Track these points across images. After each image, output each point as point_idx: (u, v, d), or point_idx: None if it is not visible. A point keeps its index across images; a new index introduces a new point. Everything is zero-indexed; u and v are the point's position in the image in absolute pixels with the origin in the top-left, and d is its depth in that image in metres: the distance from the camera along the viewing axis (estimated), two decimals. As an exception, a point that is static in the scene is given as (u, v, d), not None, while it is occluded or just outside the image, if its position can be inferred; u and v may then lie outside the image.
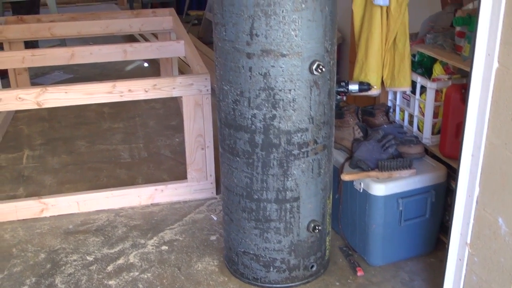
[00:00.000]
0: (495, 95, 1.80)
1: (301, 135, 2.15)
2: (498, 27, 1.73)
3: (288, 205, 2.26)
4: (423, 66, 2.78)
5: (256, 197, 2.25)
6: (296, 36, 2.01)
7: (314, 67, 2.06)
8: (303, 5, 1.98)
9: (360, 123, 2.66)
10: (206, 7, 6.66)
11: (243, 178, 2.25)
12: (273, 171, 2.19)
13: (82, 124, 4.16)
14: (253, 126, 2.14)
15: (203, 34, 6.61)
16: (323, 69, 2.07)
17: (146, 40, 5.70)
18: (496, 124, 1.81)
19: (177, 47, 3.73)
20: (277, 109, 2.09)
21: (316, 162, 2.24)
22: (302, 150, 2.18)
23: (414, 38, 2.77)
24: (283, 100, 2.08)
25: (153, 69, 5.34)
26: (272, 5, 1.96)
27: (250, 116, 2.12)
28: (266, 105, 2.09)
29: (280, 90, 2.07)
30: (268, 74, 2.04)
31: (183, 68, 5.13)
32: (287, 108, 2.10)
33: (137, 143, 3.84)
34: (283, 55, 2.02)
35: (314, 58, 2.06)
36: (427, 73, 2.75)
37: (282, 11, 1.97)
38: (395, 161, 2.42)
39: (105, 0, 8.73)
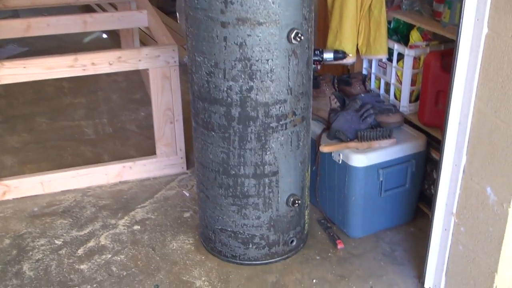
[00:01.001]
0: (484, 62, 1.73)
1: (280, 107, 2.06)
2: (488, -10, 1.66)
3: (266, 180, 2.17)
4: (398, 33, 2.71)
5: (233, 172, 2.15)
6: (273, 3, 1.89)
7: (292, 35, 1.95)
8: (281, -31, 1.86)
9: (337, 93, 2.58)
10: (165, -25, 6.42)
11: (219, 154, 2.15)
12: (250, 145, 2.10)
13: (41, 100, 3.96)
14: (229, 99, 2.03)
15: (162, 3, 6.39)
16: (302, 38, 1.96)
17: (104, 10, 5.46)
18: (485, 91, 1.75)
19: (140, 17, 3.56)
20: (254, 80, 1.99)
21: (295, 135, 2.15)
22: (281, 123, 2.09)
23: (390, 4, 2.68)
24: (260, 71, 1.97)
25: (113, 40, 5.14)
26: (248, -31, 1.84)
27: (225, 89, 2.01)
28: (243, 76, 1.98)
29: (257, 61, 1.96)
30: (244, 43, 1.93)
31: (145, 39, 4.94)
32: (264, 79, 1.99)
33: (101, 119, 3.68)
34: (260, 24, 1.91)
35: (292, 26, 1.96)
36: (403, 40, 2.67)
37: (259, -24, 1.85)
38: (375, 131, 2.36)
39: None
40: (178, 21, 5.11)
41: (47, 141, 3.39)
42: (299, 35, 1.96)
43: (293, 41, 1.96)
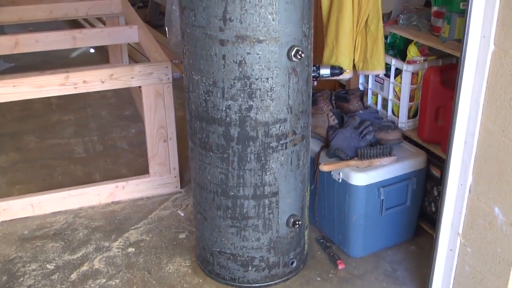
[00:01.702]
0: (491, 80, 1.69)
1: (280, 126, 2.00)
2: (495, 7, 1.62)
3: (266, 201, 2.11)
4: (395, 47, 2.67)
5: (232, 193, 2.09)
6: (273, 20, 1.84)
7: (292, 53, 1.90)
8: (281, -14, 1.81)
9: (335, 110, 2.53)
10: (152, -11, 6.37)
11: (217, 174, 2.09)
12: (250, 165, 2.04)
13: (29, 117, 3.87)
14: (227, 119, 1.97)
15: (150, 17, 6.34)
16: (302, 55, 1.91)
17: (91, 25, 5.40)
18: (492, 110, 1.71)
19: (130, 33, 3.50)
20: (254, 99, 1.93)
21: (295, 154, 2.09)
22: (281, 142, 2.03)
23: (387, 19, 2.65)
24: (260, 89, 1.92)
25: (101, 55, 5.06)
26: (247, -14, 1.79)
27: (224, 108, 1.96)
28: (242, 95, 1.93)
29: (256, 79, 1.91)
30: (243, 62, 1.88)
31: (133, 54, 4.88)
32: (264, 98, 1.94)
33: (91, 136, 3.61)
34: (260, 41, 1.86)
35: (293, 44, 1.91)
36: (400, 54, 2.64)
37: (258, -7, 1.80)
38: (375, 149, 2.31)
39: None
40: (167, 36, 5.07)
41: (36, 160, 3.30)
42: (300, 52, 1.91)
43: (294, 59, 1.91)
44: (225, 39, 1.85)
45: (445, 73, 2.40)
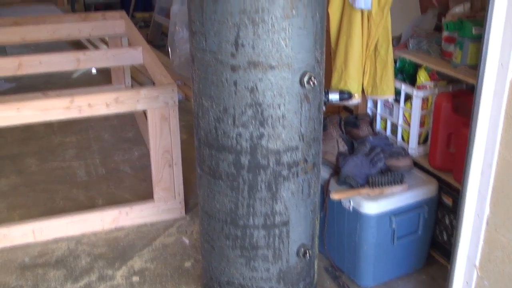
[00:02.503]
0: (509, 109, 1.65)
1: (291, 154, 1.95)
2: (515, 35, 1.59)
3: (276, 230, 2.05)
4: (404, 72, 2.64)
5: (242, 223, 2.03)
6: (286, 45, 1.80)
7: (305, 79, 1.86)
8: (294, 12, 1.78)
9: (344, 136, 2.49)
10: (154, 9, 6.37)
11: (226, 203, 2.03)
12: (260, 194, 1.98)
13: (30, 139, 3.82)
14: (238, 146, 1.92)
15: (152, 37, 6.32)
16: (315, 82, 1.87)
17: (94, 45, 5.38)
18: (510, 139, 1.66)
19: (134, 54, 3.46)
20: (266, 126, 1.88)
21: (306, 183, 2.04)
22: (292, 171, 1.98)
23: (396, 43, 2.62)
24: (272, 116, 1.87)
25: (103, 76, 5.02)
26: (260, 11, 1.74)
27: (235, 135, 1.91)
28: (253, 122, 1.88)
29: (268, 106, 1.86)
30: (255, 88, 1.83)
31: (135, 75, 4.84)
32: (276, 125, 1.89)
33: (93, 159, 3.55)
34: (272, 67, 1.81)
35: (305, 70, 1.87)
36: (409, 79, 2.60)
37: (271, 18, 1.76)
38: (386, 176, 2.26)
39: (43, 1, 8.28)
40: (170, 57, 5.04)
41: (37, 183, 3.25)
42: (312, 79, 1.87)
43: (306, 86, 1.87)
44: (237, 65, 1.81)
45: (456, 99, 2.36)
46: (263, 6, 1.74)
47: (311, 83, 1.86)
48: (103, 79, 4.96)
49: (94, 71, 5.28)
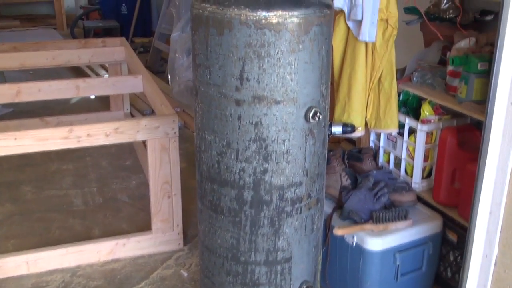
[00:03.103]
0: (520, 148, 1.62)
1: (295, 190, 1.91)
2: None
3: (279, 267, 2.00)
4: (408, 105, 2.61)
5: (243, 259, 1.98)
6: (291, 80, 1.77)
7: (310, 114, 1.83)
8: (300, 46, 1.75)
9: (348, 169, 2.45)
10: (154, 35, 6.37)
11: (228, 238, 1.98)
12: (263, 230, 1.94)
13: (27, 166, 3.77)
14: (241, 181, 1.88)
15: (151, 63, 6.31)
16: (320, 117, 1.84)
17: (93, 71, 5.36)
18: (521, 179, 1.63)
19: (135, 83, 3.44)
20: (269, 162, 1.85)
21: (309, 218, 2.00)
22: (295, 206, 1.94)
23: (400, 76, 2.60)
24: (276, 152, 1.84)
25: (102, 102, 4.99)
26: (266, 45, 1.72)
27: (238, 170, 1.87)
28: (257, 157, 1.84)
29: (273, 141, 1.82)
30: (260, 123, 1.80)
31: (134, 101, 4.82)
32: (280, 160, 1.85)
33: (90, 187, 3.50)
34: (277, 102, 1.78)
35: (310, 104, 1.84)
36: (413, 112, 2.58)
37: (277, 53, 1.73)
38: (391, 212, 2.22)
39: (43, 25, 8.30)
40: (170, 83, 5.02)
41: (33, 212, 3.19)
42: (318, 114, 1.83)
43: (311, 120, 1.84)
44: (242, 99, 1.78)
45: (461, 134, 2.34)
46: (269, 40, 1.72)
47: (317, 118, 1.83)
48: (101, 105, 4.92)
49: (92, 96, 5.25)
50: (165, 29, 6.05)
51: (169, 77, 5.01)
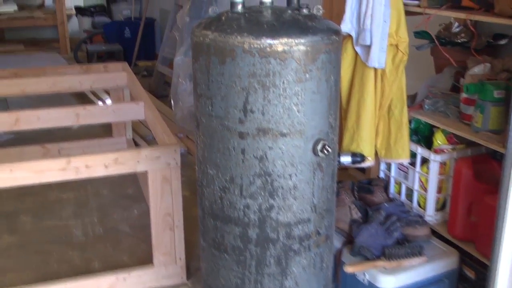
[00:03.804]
0: (544, 183, 1.51)
1: (303, 227, 1.80)
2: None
3: (286, 309, 1.88)
4: (419, 133, 2.51)
5: (248, 300, 1.87)
6: (298, 111, 1.68)
7: (319, 147, 1.72)
8: (307, 75, 1.66)
9: (358, 202, 2.34)
10: (158, 59, 6.31)
11: (232, 278, 1.87)
12: (269, 270, 1.82)
13: (26, 195, 3.66)
14: (246, 218, 1.77)
15: (155, 87, 6.24)
16: (329, 150, 1.73)
17: (96, 95, 5.29)
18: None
19: (136, 110, 3.35)
20: (275, 198, 1.74)
21: (318, 256, 1.88)
22: (303, 244, 1.82)
23: (410, 103, 2.49)
24: (282, 187, 1.73)
25: (104, 128, 4.88)
26: (271, 75, 1.63)
27: (242, 207, 1.76)
28: (262, 193, 1.73)
29: (279, 176, 1.72)
30: (265, 157, 1.70)
31: (137, 127, 4.73)
32: (287, 196, 1.75)
33: (91, 217, 3.39)
34: (283, 135, 1.68)
35: (318, 137, 1.73)
36: (424, 141, 2.48)
37: (283, 82, 1.64)
38: (404, 248, 2.11)
39: (46, 50, 8.26)
40: (173, 108, 4.93)
41: (31, 244, 3.08)
42: (326, 146, 1.73)
43: (320, 154, 1.73)
44: (245, 131, 1.68)
45: (477, 165, 2.23)
46: (274, 69, 1.63)
47: (325, 151, 1.73)
48: (104, 130, 4.82)
49: (95, 122, 5.16)
50: (168, 53, 5.99)
51: (172, 102, 4.93)
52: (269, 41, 1.61)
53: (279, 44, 1.61)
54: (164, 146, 2.57)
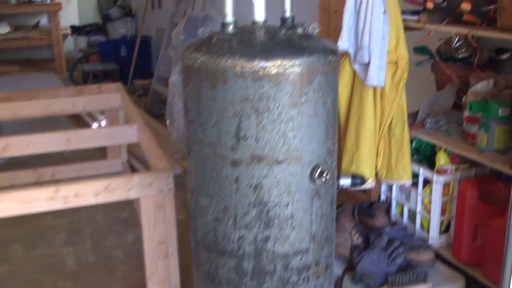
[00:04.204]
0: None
1: (301, 258, 1.71)
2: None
3: None
4: (421, 153, 2.42)
5: (245, 336, 1.77)
6: (294, 137, 1.59)
7: (316, 174, 1.63)
8: (303, 98, 1.57)
9: (358, 226, 2.25)
10: (153, 77, 6.23)
11: (227, 313, 1.77)
12: (266, 304, 1.73)
13: (17, 222, 3.54)
14: (240, 250, 1.67)
15: (151, 106, 6.16)
16: (328, 176, 1.64)
17: (92, 116, 5.20)
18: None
19: (129, 133, 3.26)
20: (272, 228, 1.65)
21: (318, 288, 1.79)
22: (302, 276, 1.73)
23: (412, 122, 2.41)
24: (278, 217, 1.64)
25: (99, 150, 4.79)
26: (265, 99, 1.54)
27: (236, 238, 1.67)
28: (258, 224, 1.64)
29: (275, 205, 1.63)
30: (259, 186, 1.60)
31: (133, 148, 4.64)
32: (283, 226, 1.65)
33: (84, 244, 3.29)
34: (279, 162, 1.59)
35: (316, 163, 1.65)
36: (426, 161, 2.39)
37: (278, 107, 1.55)
38: (408, 275, 2.01)
39: (42, 70, 8.20)
40: (168, 129, 4.84)
41: (22, 274, 2.97)
42: (324, 173, 1.64)
43: (317, 181, 1.64)
44: (239, 159, 1.59)
45: (482, 186, 2.14)
46: (268, 93, 1.54)
47: (323, 178, 1.64)
48: (98, 153, 4.73)
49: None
50: (164, 72, 5.91)
51: (168, 122, 4.84)
52: (262, 63, 1.53)
53: (272, 66, 1.53)
54: (157, 171, 2.48)
